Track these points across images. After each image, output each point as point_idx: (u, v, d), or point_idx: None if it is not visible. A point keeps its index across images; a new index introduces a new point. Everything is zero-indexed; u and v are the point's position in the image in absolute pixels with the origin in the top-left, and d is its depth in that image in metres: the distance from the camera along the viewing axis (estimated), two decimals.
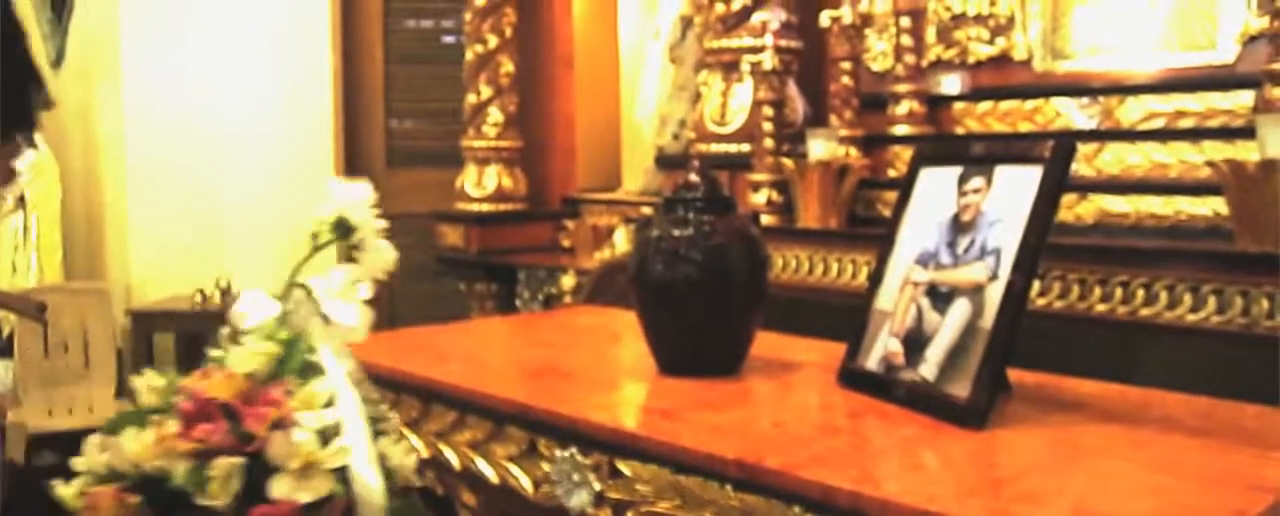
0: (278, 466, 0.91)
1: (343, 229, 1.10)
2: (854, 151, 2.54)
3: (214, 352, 1.01)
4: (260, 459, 0.91)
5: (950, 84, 2.65)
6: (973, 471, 1.17)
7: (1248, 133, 1.93)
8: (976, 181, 1.41)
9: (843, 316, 1.56)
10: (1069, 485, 1.08)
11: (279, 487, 0.91)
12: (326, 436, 0.94)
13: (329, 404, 0.97)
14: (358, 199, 1.09)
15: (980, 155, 1.45)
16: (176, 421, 0.92)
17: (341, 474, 0.94)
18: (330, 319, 1.05)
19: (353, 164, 4.55)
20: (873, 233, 2.17)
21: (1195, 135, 2.13)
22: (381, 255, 1.10)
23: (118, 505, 0.89)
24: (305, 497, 0.91)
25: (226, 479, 0.90)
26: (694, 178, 1.58)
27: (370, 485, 0.94)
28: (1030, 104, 2.44)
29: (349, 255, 1.10)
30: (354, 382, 1.01)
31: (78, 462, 0.93)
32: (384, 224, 1.10)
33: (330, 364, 1.00)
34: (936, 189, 1.49)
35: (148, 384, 0.97)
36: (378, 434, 1.00)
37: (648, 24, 3.79)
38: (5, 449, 0.79)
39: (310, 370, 0.99)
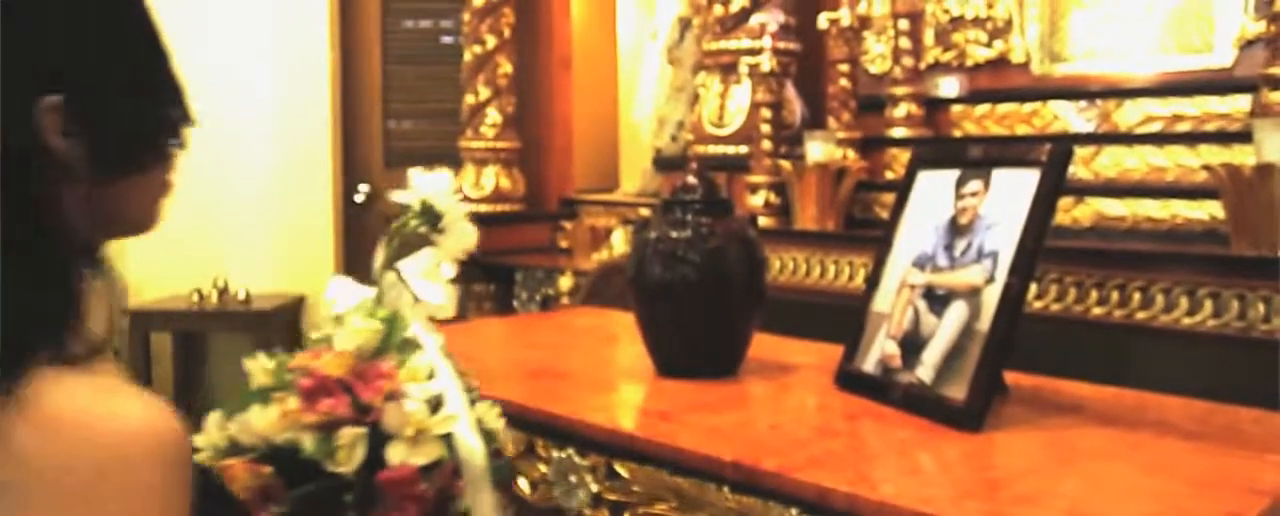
0: (393, 435, 0.99)
1: (430, 215, 1.18)
2: (852, 153, 2.55)
3: (315, 335, 1.09)
4: (377, 428, 0.99)
5: (948, 86, 2.65)
6: (969, 473, 1.17)
7: (1244, 137, 1.93)
8: (974, 184, 1.42)
9: (840, 318, 1.57)
10: (1065, 487, 1.09)
11: (395, 454, 0.99)
12: (433, 405, 1.03)
13: (430, 376, 1.05)
14: (440, 186, 1.19)
15: (978, 158, 1.45)
16: (296, 397, 0.99)
17: (446, 439, 1.02)
18: (419, 297, 1.13)
19: (351, 164, 4.56)
20: (870, 235, 2.17)
21: (1192, 139, 2.13)
22: (463, 237, 1.18)
23: (252, 475, 0.95)
24: (419, 461, 0.99)
25: (352, 447, 0.97)
26: (692, 179, 1.59)
27: (473, 448, 1.03)
28: (1028, 107, 2.44)
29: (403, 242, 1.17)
30: (445, 355, 1.09)
31: (199, 439, 1.00)
32: (468, 208, 1.19)
33: (425, 339, 1.09)
34: (934, 192, 1.49)
35: (260, 366, 1.04)
36: (472, 401, 1.08)
37: (646, 25, 3.79)
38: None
39: (408, 346, 1.08)
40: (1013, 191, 1.34)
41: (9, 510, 0.67)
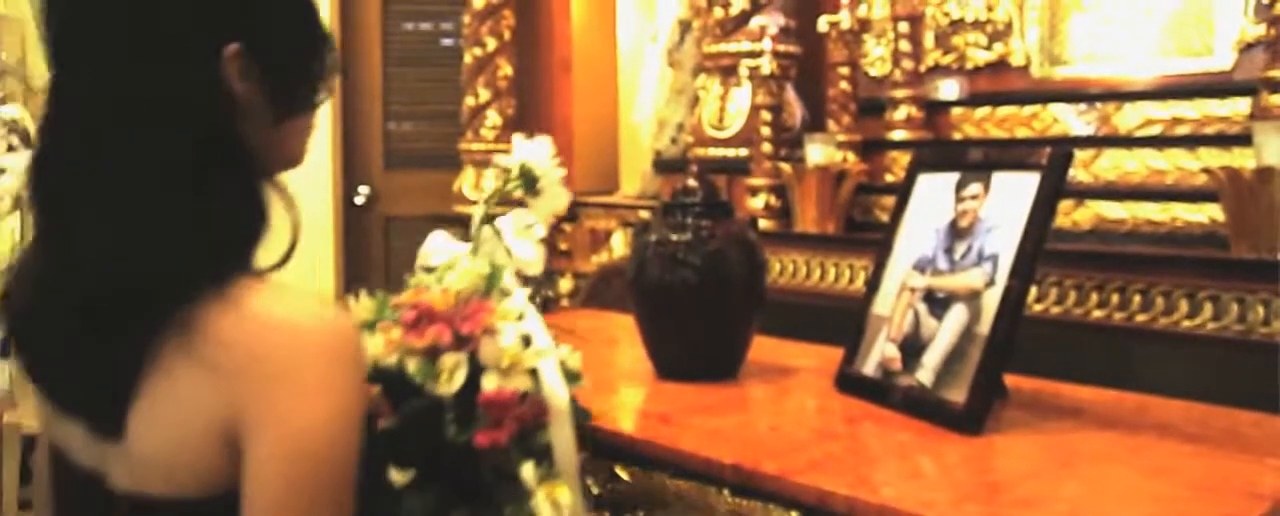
0: (487, 365, 1.11)
1: (528, 177, 1.31)
2: (852, 156, 2.54)
3: (412, 279, 1.23)
4: (473, 358, 1.11)
5: (948, 89, 2.65)
6: (969, 477, 1.17)
7: (1244, 140, 1.93)
8: (974, 187, 1.42)
9: (840, 321, 1.57)
10: (1065, 491, 1.09)
11: (489, 383, 1.10)
12: (524, 342, 1.15)
13: (520, 318, 1.17)
14: (539, 152, 1.32)
15: (978, 161, 1.45)
16: (399, 328, 1.12)
17: (533, 376, 1.14)
18: (512, 252, 1.26)
19: (351, 166, 4.55)
20: (870, 238, 2.17)
21: (1192, 142, 2.13)
22: (555, 200, 1.32)
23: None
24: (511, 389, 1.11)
25: (454, 371, 1.09)
26: (692, 182, 1.59)
27: (556, 384, 1.14)
28: (1028, 110, 2.44)
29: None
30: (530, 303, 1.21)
31: None
32: (563, 172, 1.32)
33: (515, 288, 1.22)
34: (934, 195, 1.49)
35: (361, 305, 1.18)
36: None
37: (646, 27, 3.79)
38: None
39: (501, 292, 1.20)
40: (1013, 194, 1.34)
41: (216, 387, 0.81)
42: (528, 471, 1.10)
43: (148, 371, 0.83)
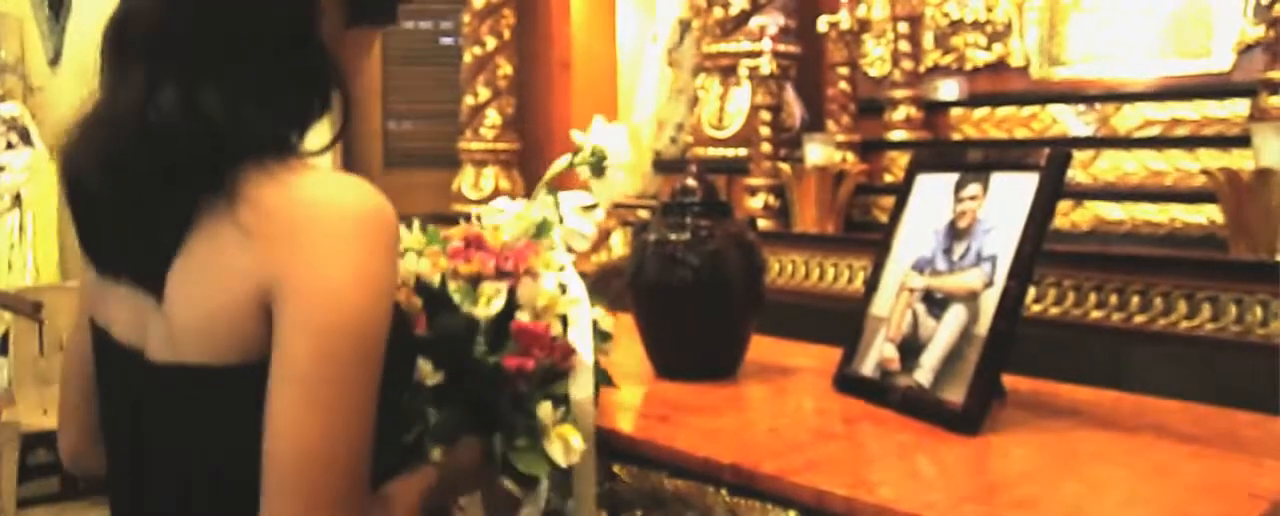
0: (523, 304, 1.16)
1: (597, 158, 1.38)
2: (851, 157, 2.55)
3: (463, 222, 1.28)
4: (511, 293, 1.17)
5: (947, 90, 2.65)
6: (967, 477, 1.17)
7: (1243, 141, 1.93)
8: (973, 188, 1.42)
9: (839, 321, 1.57)
10: (1063, 492, 1.09)
11: (522, 318, 1.16)
12: (561, 290, 1.21)
13: (561, 269, 1.24)
14: (616, 138, 1.39)
15: (977, 162, 1.46)
16: (444, 255, 1.19)
17: (563, 325, 1.19)
18: (566, 222, 1.33)
19: (350, 165, 4.55)
20: (869, 238, 2.17)
21: (1191, 143, 2.13)
22: (615, 185, 1.38)
23: (406, 299, 1.11)
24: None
25: (492, 297, 1.15)
26: (691, 182, 1.59)
27: (586, 338, 1.19)
28: (1027, 110, 2.45)
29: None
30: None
31: None
32: (630, 159, 1.39)
33: (561, 249, 1.29)
34: (933, 195, 1.49)
35: (411, 236, 1.23)
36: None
37: (646, 27, 3.79)
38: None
39: (548, 248, 1.28)
40: (1011, 195, 1.35)
41: (254, 252, 0.85)
42: (545, 410, 1.13)
43: (192, 232, 0.87)
